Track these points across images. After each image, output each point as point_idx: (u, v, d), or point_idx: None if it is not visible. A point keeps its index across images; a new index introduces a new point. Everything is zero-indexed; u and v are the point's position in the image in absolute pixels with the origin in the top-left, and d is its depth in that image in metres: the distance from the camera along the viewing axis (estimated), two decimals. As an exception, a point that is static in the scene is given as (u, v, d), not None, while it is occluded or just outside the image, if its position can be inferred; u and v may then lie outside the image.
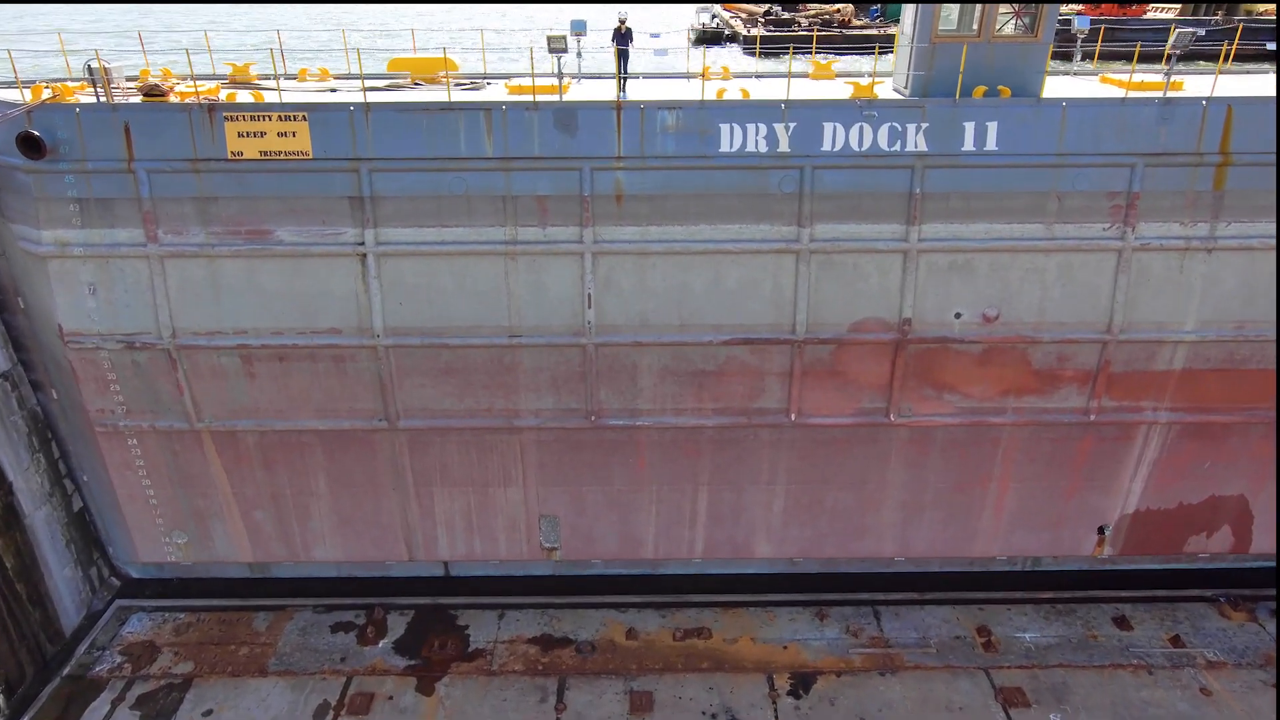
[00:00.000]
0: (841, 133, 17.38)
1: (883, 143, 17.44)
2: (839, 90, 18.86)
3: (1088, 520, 21.31)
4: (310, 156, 17.43)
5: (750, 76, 22.22)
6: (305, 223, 17.93)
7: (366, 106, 17.08)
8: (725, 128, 17.31)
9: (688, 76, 22.14)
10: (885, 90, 18.80)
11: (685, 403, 19.67)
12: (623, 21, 18.97)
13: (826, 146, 17.46)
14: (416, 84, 20.40)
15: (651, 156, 17.47)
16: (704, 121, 17.22)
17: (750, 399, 19.65)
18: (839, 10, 63.02)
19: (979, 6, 17.76)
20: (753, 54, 57.80)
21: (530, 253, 18.16)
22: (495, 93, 19.30)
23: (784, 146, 17.44)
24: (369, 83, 20.54)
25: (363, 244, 18.01)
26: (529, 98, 17.26)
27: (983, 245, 18.17)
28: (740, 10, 79.28)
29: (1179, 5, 64.09)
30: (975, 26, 17.68)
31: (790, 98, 17.22)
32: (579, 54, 21.41)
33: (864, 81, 18.31)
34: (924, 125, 17.31)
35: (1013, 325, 18.83)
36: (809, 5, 72.75)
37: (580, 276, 18.33)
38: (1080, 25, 21.40)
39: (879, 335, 18.89)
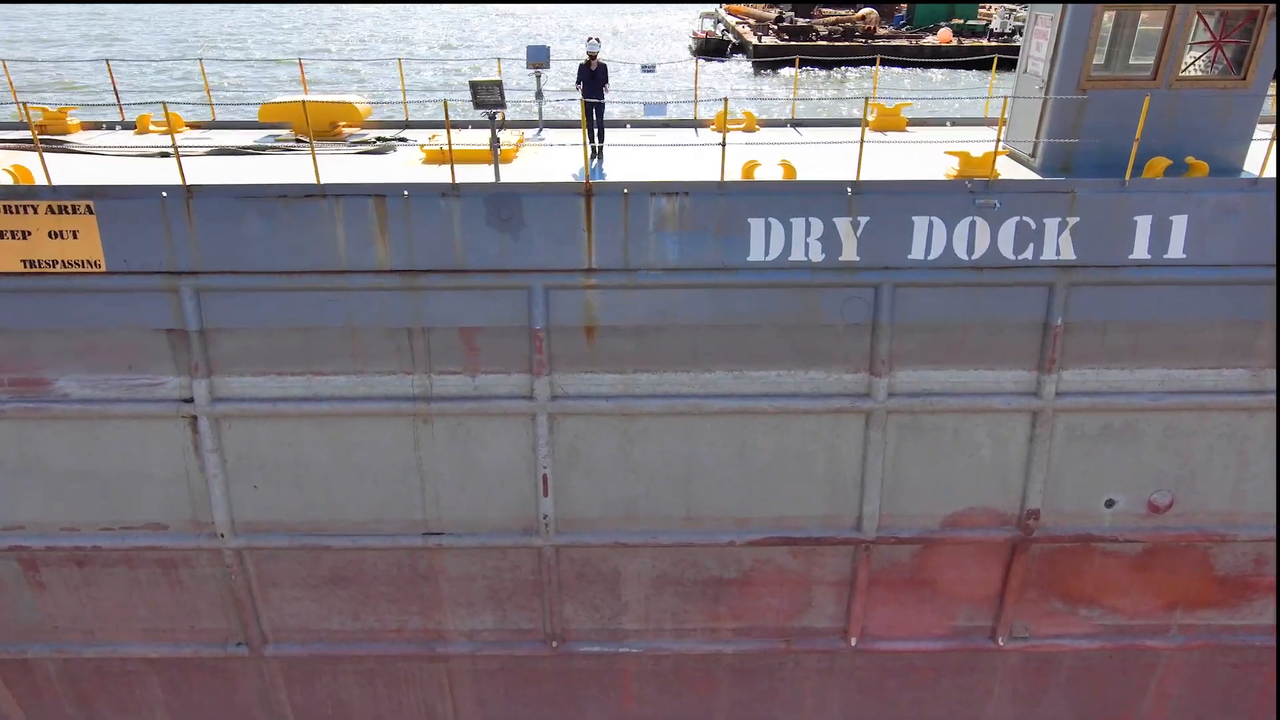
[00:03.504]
0: (941, 232, 11.17)
1: (1005, 247, 11.23)
2: (925, 160, 12.62)
3: (1273, 768, 15.03)
4: (103, 269, 11.23)
5: (784, 124, 16.01)
6: (101, 368, 11.72)
7: (187, 190, 10.87)
8: (757, 224, 11.12)
9: (695, 125, 15.93)
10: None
11: (692, 621, 13.42)
12: (593, 56, 12.73)
13: (916, 253, 11.25)
14: (300, 141, 14.21)
15: (641, 269, 11.28)
16: (724, 213, 11.04)
17: (790, 616, 13.40)
18: (863, 17, 56.94)
19: (1149, 32, 11.60)
20: (765, 69, 51.64)
21: (453, 413, 11.94)
22: (409, 161, 13.08)
23: (850, 253, 11.24)
24: (231, 139, 14.35)
25: (191, 400, 11.79)
26: (447, 174, 11.04)
27: (1155, 401, 11.94)
28: (748, 15, 72.95)
29: None
30: (1151, 65, 11.48)
31: (860, 177, 11.00)
32: (540, 95, 15.21)
33: (961, 143, 12.08)
34: (1071, 220, 11.11)
35: (1193, 516, 12.61)
36: (824, 10, 66.60)
37: (531, 448, 12.11)
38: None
39: (989, 532, 12.65)
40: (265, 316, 11.50)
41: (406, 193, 10.94)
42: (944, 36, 52.50)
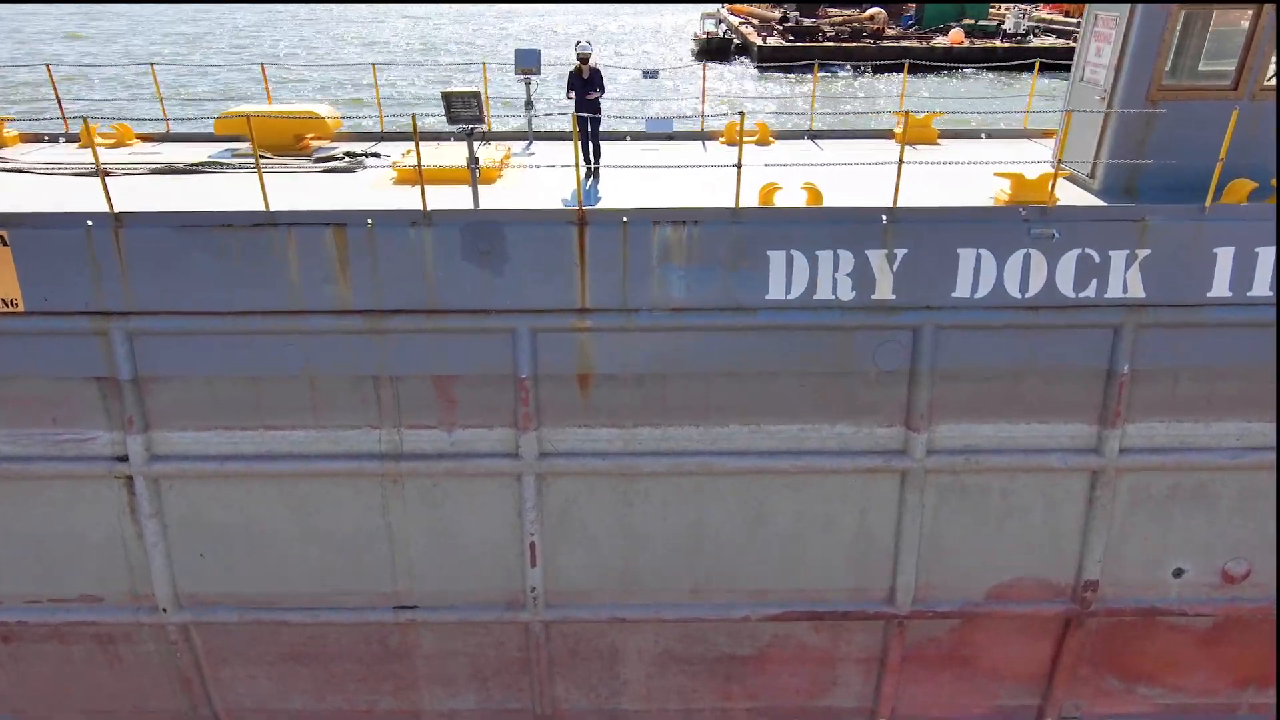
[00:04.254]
0: (990, 266, 9.67)
1: (1064, 284, 9.73)
2: (964, 180, 11.12)
3: None
4: (20, 309, 9.75)
5: (802, 136, 14.52)
6: (21, 422, 10.24)
7: (116, 218, 9.39)
8: (778, 257, 9.63)
9: (702, 137, 14.44)
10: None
11: (701, 700, 11.92)
12: (583, 61, 11.22)
13: (962, 291, 9.76)
14: (260, 157, 12.72)
15: (642, 309, 9.79)
16: (739, 245, 9.55)
17: (812, 695, 11.90)
18: (871, 17, 55.36)
19: (1223, 35, 10.12)
20: (769, 69, 50.06)
21: (427, 473, 10.45)
22: (378, 182, 11.60)
23: (884, 291, 9.75)
24: (185, 154, 12.88)
25: (125, 458, 10.31)
26: (416, 197, 9.54)
27: (1231, 460, 10.45)
28: (751, 15, 71.33)
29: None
30: (1232, 73, 9.99)
31: (897, 204, 9.50)
32: (529, 104, 13.73)
33: (1010, 164, 10.57)
34: (1141, 253, 9.62)
35: (1271, 586, 11.11)
36: (829, 10, 65.01)
37: (516, 512, 10.61)
38: None
39: (1039, 605, 11.15)
40: (210, 363, 10.01)
41: (370, 221, 9.45)
42: (955, 37, 50.98)
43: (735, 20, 72.23)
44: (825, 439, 10.38)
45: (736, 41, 62.82)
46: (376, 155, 12.91)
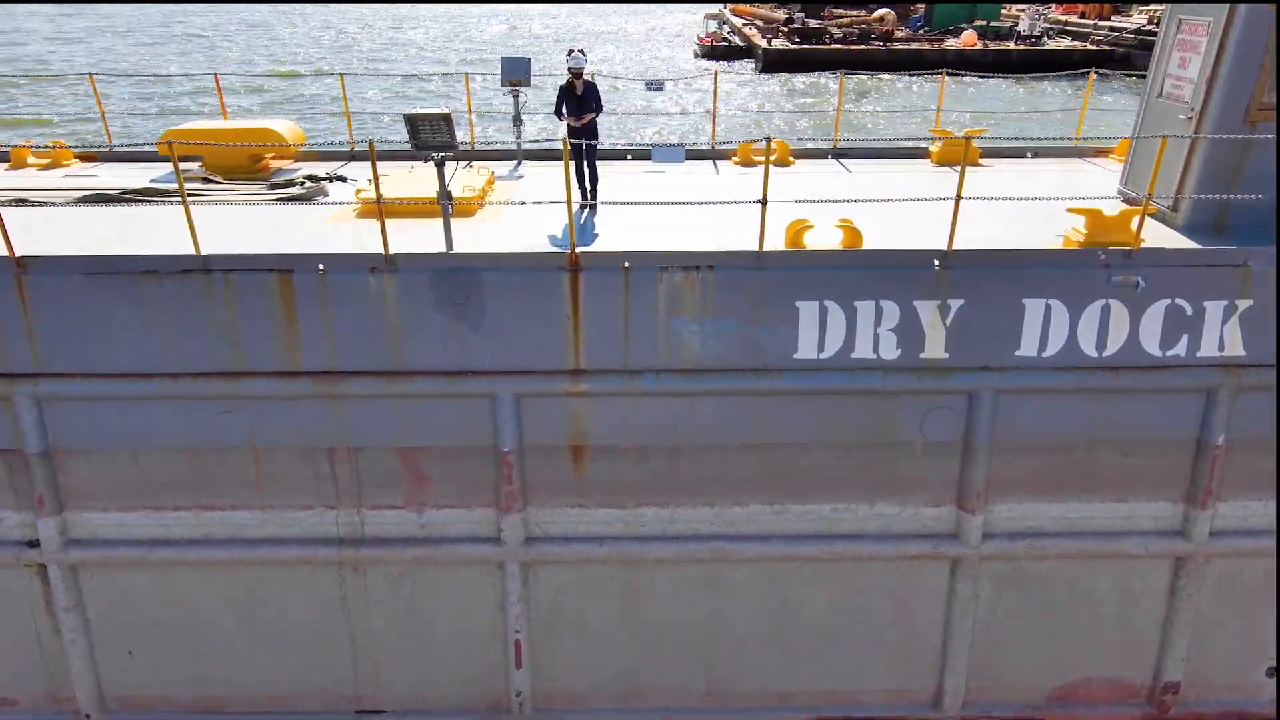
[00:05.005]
0: (1062, 320, 8.15)
1: (1149, 340, 8.22)
2: (1021, 213, 9.55)
3: None
4: (-93, 370, 8.25)
5: (824, 155, 13.00)
6: (-87, 501, 8.73)
7: (17, 263, 7.88)
8: (809, 309, 8.11)
9: (713, 156, 12.92)
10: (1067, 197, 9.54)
11: (715, 812, 10.38)
12: (576, 75, 9.68)
13: (1027, 349, 8.24)
14: (208, 181, 11.21)
15: (647, 370, 8.28)
16: (763, 294, 8.04)
17: (843, 806, 10.36)
18: (881, 18, 53.76)
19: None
20: (773, 73, 48.37)
21: (394, 560, 8.93)
22: (339, 214, 10.07)
23: (935, 348, 8.23)
24: (125, 177, 11.38)
25: (37, 543, 8.79)
26: (377, 237, 8.01)
27: (1342, 543, 8.92)
28: (754, 16, 69.77)
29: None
30: (1348, 89, 8.46)
31: (953, 245, 7.97)
32: (517, 119, 12.23)
33: (1082, 199, 9.04)
34: (1242, 304, 8.10)
35: (1383, 687, 9.58)
36: (835, 11, 63.45)
37: (499, 605, 9.08)
38: None
39: (1112, 709, 9.61)
40: (135, 434, 8.50)
41: (322, 267, 7.94)
42: (968, 40, 49.43)
43: (738, 21, 70.69)
44: (862, 521, 8.85)
45: (741, 44, 61.31)
46: (343, 179, 11.40)
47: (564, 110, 9.70)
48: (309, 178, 11.22)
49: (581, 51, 9.46)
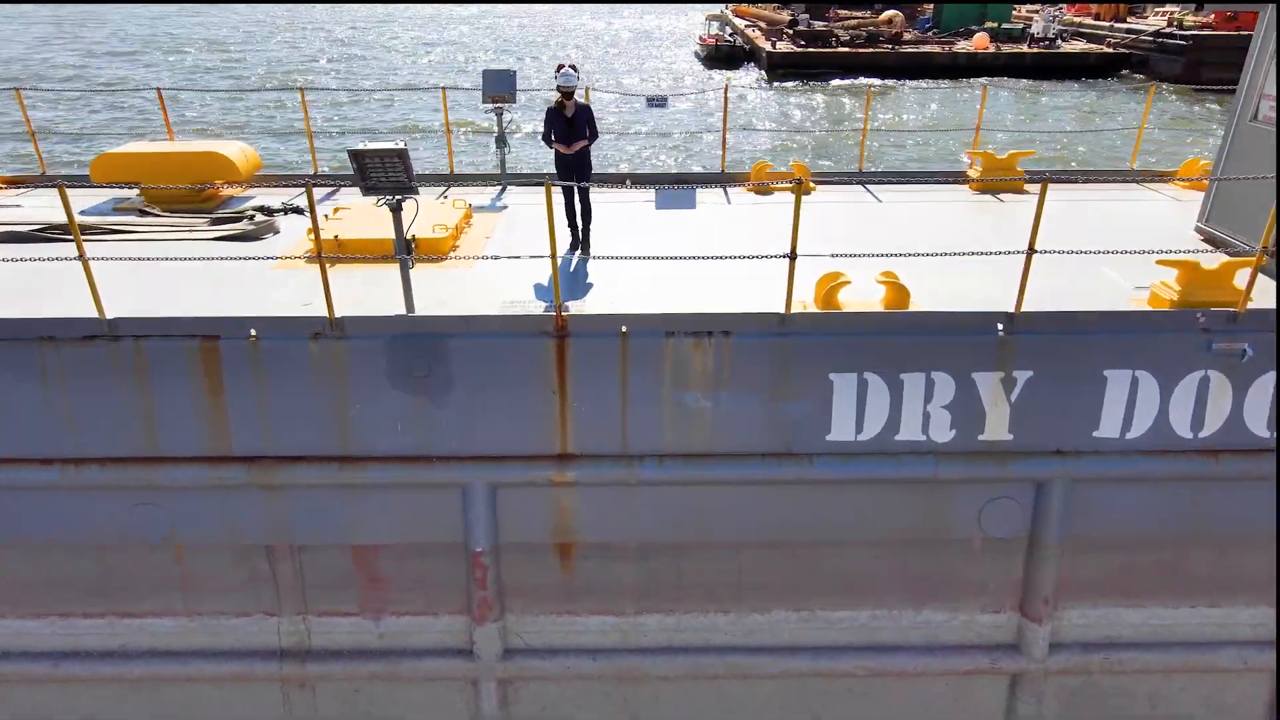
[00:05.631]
0: (1151, 395, 6.77)
1: (1255, 419, 6.84)
2: (1080, 262, 8.15)
3: None
4: None
5: (850, 180, 11.60)
6: None
7: (-114, 333, 6.50)
8: (845, 382, 6.72)
9: (723, 181, 11.52)
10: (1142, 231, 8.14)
11: None
12: (567, 96, 8.18)
13: (1108, 429, 6.86)
14: (145, 213, 9.85)
15: (649, 455, 6.89)
16: (790, 365, 6.66)
17: None
18: (890, 20, 52.30)
19: None
20: (780, 79, 46.89)
21: (346, 676, 7.53)
22: (287, 258, 8.69)
23: (997, 429, 6.85)
24: (49, 210, 10.01)
25: (-79, 658, 7.41)
26: (337, 281, 6.61)
27: None
28: (758, 18, 68.31)
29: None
30: None
31: (1021, 307, 6.58)
32: (502, 141, 10.88)
33: (1174, 252, 7.65)
34: (1369, 377, 6.71)
35: None
36: (840, 12, 61.99)
37: (472, 727, 7.70)
38: None
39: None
40: (35, 528, 7.12)
41: (254, 332, 6.56)
42: (980, 42, 48.02)
43: (740, 23, 69.21)
44: (906, 629, 7.46)
45: (744, 47, 59.89)
46: (299, 211, 10.03)
47: (553, 136, 8.31)
48: (259, 209, 9.85)
49: (573, 67, 8.06)
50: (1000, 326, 6.64)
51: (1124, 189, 11.18)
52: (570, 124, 8.16)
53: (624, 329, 6.61)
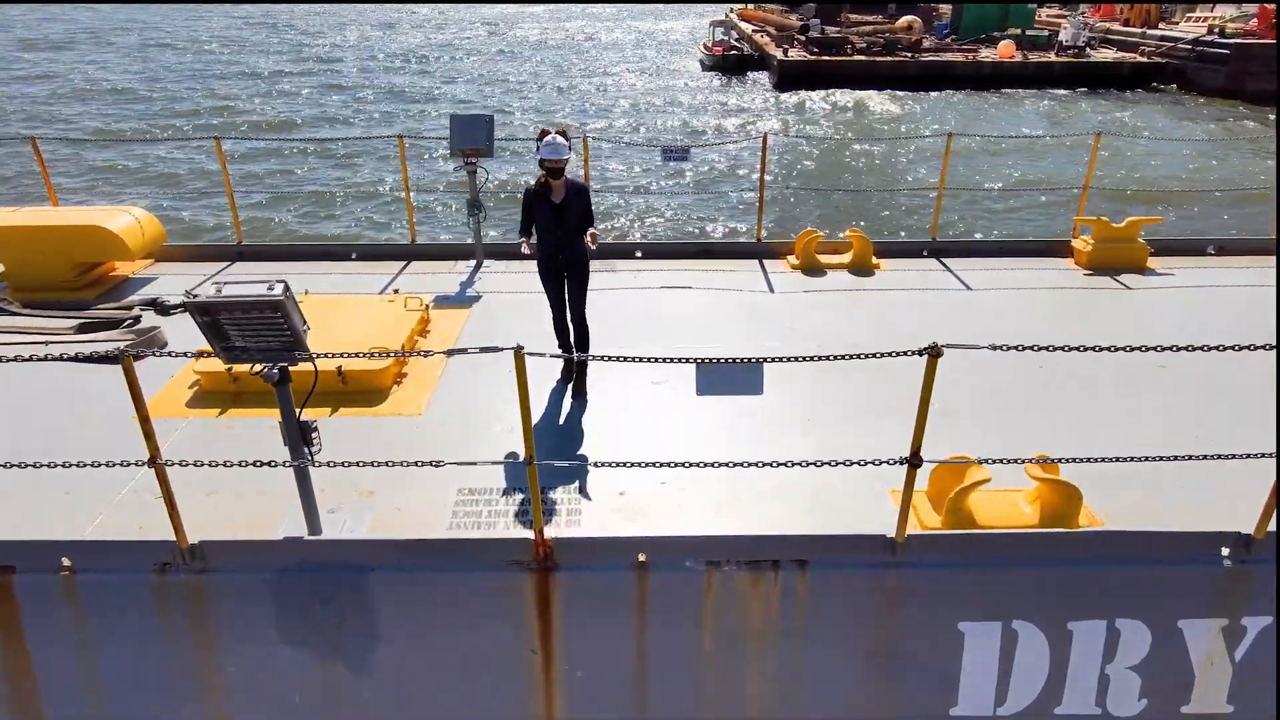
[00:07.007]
0: None
1: None
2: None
3: None
4: None
5: (919, 252, 9.27)
6: None
7: None
8: (980, 633, 4.38)
9: (759, 254, 9.14)
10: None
11: None
12: (555, 173, 5.72)
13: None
14: (4, 308, 7.53)
15: (680, 737, 4.55)
16: (897, 607, 4.32)
17: None
18: (908, 26, 49.89)
19: None
20: (791, 88, 44.49)
21: None
22: (169, 391, 6.33)
23: (1212, 698, 4.52)
24: None
25: None
26: (230, 446, 4.31)
27: None
28: (766, 23, 65.91)
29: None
30: None
31: (1265, 527, 4.25)
32: (476, 206, 8.58)
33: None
34: None
35: None
36: (851, 16, 59.68)
37: None
38: None
39: None
40: None
41: (68, 562, 4.25)
42: (1005, 50, 45.60)
43: (748, 28, 66.81)
44: None
45: (752, 54, 57.56)
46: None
47: (535, 225, 5.94)
48: (152, 303, 7.52)
49: (562, 134, 5.70)
50: (1226, 551, 4.32)
51: (1265, 260, 8.83)
52: (559, 212, 5.79)
53: (642, 557, 4.30)
